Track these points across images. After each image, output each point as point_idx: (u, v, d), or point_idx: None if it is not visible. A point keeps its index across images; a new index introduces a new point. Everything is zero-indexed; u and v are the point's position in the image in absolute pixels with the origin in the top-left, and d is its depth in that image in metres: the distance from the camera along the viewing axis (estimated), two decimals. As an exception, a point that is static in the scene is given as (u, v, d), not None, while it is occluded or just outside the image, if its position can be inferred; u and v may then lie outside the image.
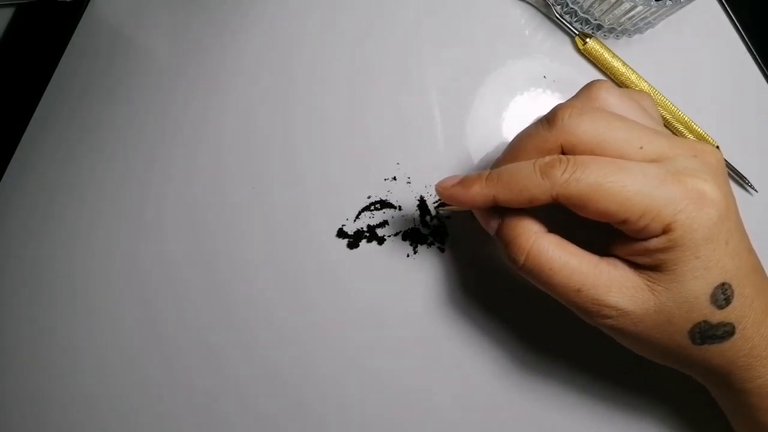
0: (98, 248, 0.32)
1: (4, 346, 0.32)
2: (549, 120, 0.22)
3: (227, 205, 0.32)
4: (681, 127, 0.31)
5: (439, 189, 0.24)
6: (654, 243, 0.20)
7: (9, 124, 0.34)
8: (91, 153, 0.33)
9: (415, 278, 0.31)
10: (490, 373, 0.30)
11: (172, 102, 0.34)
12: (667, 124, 0.32)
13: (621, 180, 0.20)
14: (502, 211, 0.23)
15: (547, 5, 0.33)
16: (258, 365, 0.30)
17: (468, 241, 0.31)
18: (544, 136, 0.22)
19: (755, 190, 0.31)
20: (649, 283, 0.21)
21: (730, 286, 0.20)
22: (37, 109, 0.34)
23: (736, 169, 0.31)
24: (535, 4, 0.33)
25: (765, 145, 0.32)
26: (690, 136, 0.31)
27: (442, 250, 0.31)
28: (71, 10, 0.35)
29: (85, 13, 0.35)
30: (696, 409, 0.28)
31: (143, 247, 0.32)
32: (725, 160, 0.31)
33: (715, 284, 0.20)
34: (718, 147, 0.31)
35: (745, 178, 0.31)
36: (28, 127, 0.34)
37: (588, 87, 0.24)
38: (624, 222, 0.20)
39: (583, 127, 0.21)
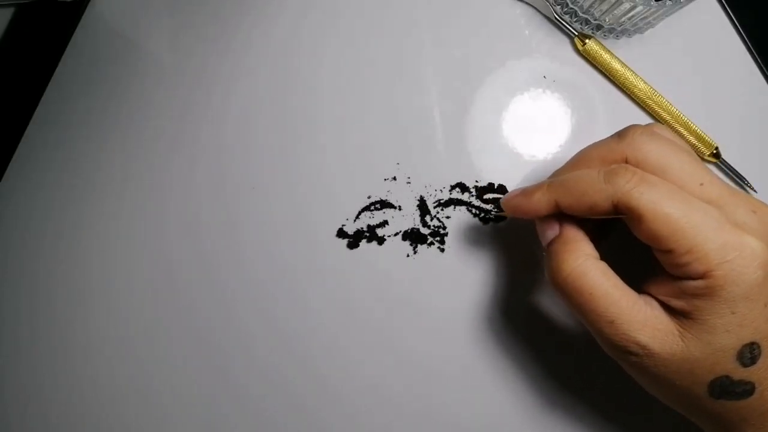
0: (99, 248, 0.32)
1: (4, 345, 0.32)
2: (620, 134, 0.23)
3: (227, 204, 0.32)
4: (681, 129, 0.31)
5: (504, 202, 0.25)
6: (691, 285, 0.20)
7: (9, 124, 0.34)
8: (92, 153, 0.33)
9: (415, 278, 0.31)
10: (490, 371, 0.30)
11: (172, 101, 0.34)
12: (666, 125, 0.32)
13: (682, 209, 0.20)
14: (561, 223, 0.24)
15: (547, 5, 0.33)
16: (257, 365, 0.30)
17: (468, 241, 0.31)
18: (612, 147, 0.23)
19: (754, 191, 0.31)
20: (680, 329, 0.21)
21: (758, 345, 0.20)
22: (37, 109, 0.34)
23: (735, 169, 0.31)
24: (535, 5, 0.33)
25: (765, 145, 0.32)
26: (690, 137, 0.31)
27: (442, 250, 0.31)
28: (71, 10, 0.35)
29: (85, 13, 0.35)
30: None
31: (143, 246, 0.32)
32: (724, 161, 0.31)
33: (745, 342, 0.20)
34: (717, 147, 0.31)
35: (745, 178, 0.31)
36: (28, 127, 0.34)
37: (652, 124, 0.24)
38: (669, 252, 0.20)
39: (652, 147, 0.22)
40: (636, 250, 0.22)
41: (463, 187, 0.31)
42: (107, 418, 0.31)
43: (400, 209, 0.31)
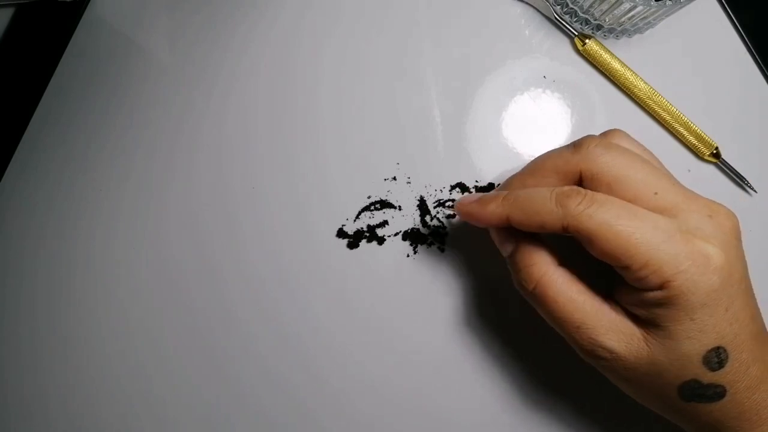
0: (98, 249, 0.32)
1: (4, 345, 0.32)
2: (576, 144, 0.23)
3: (228, 205, 0.32)
4: (680, 128, 0.31)
5: (458, 206, 0.25)
6: (650, 296, 0.20)
7: (9, 124, 0.34)
8: (91, 153, 0.33)
9: (415, 278, 0.31)
10: (491, 371, 0.30)
11: (172, 102, 0.34)
12: (666, 125, 0.32)
13: (632, 226, 0.20)
14: (518, 236, 0.24)
15: (547, 5, 0.33)
16: (256, 364, 0.30)
17: (468, 241, 0.31)
18: (567, 157, 0.23)
19: (754, 191, 0.31)
20: (644, 335, 0.21)
21: (724, 350, 0.20)
22: (37, 109, 0.34)
23: (735, 169, 0.31)
24: (535, 5, 0.33)
25: (764, 145, 0.32)
26: (690, 137, 0.31)
27: (442, 250, 0.31)
28: (71, 10, 0.35)
29: (85, 13, 0.35)
30: None
31: (142, 247, 0.32)
32: (724, 161, 0.31)
33: (709, 347, 0.20)
34: (717, 147, 0.31)
35: (745, 178, 0.31)
36: (28, 127, 0.34)
37: (610, 131, 0.25)
38: (625, 268, 0.20)
39: (606, 159, 0.22)
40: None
41: (463, 187, 0.31)
42: (107, 417, 0.31)
43: (400, 209, 0.31)
